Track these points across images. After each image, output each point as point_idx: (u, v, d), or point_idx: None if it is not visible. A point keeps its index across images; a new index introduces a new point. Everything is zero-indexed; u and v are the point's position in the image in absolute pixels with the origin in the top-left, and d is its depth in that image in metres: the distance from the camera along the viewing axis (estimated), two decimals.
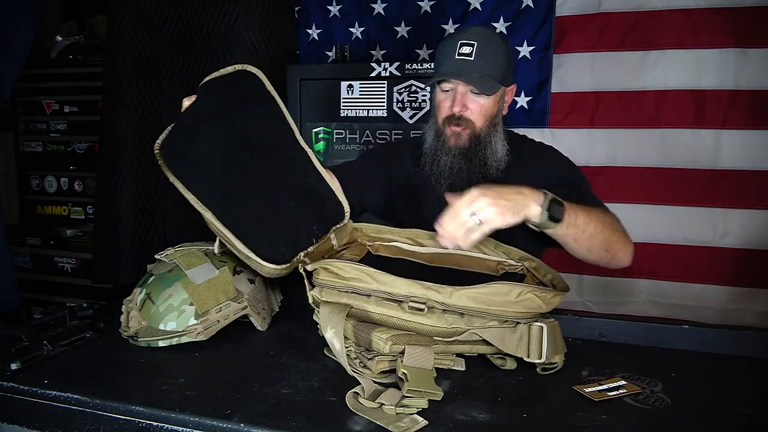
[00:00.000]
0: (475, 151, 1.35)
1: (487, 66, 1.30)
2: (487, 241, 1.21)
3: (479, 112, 1.34)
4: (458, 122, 1.34)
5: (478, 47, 1.29)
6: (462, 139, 1.35)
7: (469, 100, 1.33)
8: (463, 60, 1.29)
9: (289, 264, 1.07)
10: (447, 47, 1.33)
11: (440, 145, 1.37)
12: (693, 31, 2.21)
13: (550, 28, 2.38)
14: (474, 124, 1.34)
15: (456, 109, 1.33)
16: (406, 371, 0.88)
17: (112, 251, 2.63)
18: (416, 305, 0.94)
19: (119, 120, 2.58)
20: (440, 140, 1.37)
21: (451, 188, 1.35)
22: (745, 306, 2.24)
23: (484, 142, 1.35)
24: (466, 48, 1.29)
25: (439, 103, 1.37)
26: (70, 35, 3.08)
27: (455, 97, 1.33)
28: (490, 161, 1.37)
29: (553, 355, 0.97)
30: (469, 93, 1.33)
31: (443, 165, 1.37)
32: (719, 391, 0.94)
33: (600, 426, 0.81)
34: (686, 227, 2.29)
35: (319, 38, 2.74)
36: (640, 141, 2.32)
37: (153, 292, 1.10)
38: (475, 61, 1.29)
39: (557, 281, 1.09)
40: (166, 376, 0.95)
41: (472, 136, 1.35)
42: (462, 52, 1.29)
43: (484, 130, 1.35)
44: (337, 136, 2.42)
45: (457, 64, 1.30)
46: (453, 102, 1.33)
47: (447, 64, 1.31)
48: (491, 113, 1.36)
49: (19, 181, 3.37)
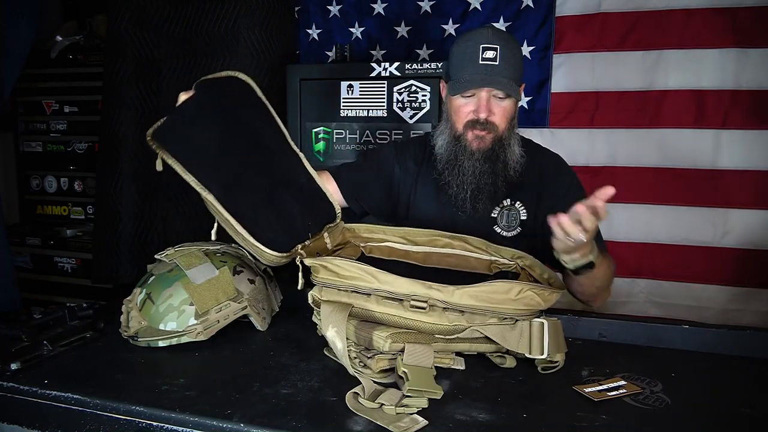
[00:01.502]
0: (498, 153, 1.34)
1: (511, 70, 1.28)
2: (479, 241, 1.22)
3: (502, 115, 1.32)
4: (483, 126, 1.32)
5: (501, 51, 1.27)
6: (485, 143, 1.33)
7: (493, 105, 1.31)
8: (487, 65, 1.27)
9: (289, 253, 1.07)
10: (468, 51, 1.29)
11: (461, 150, 1.35)
12: (693, 31, 2.21)
13: (550, 28, 2.38)
14: (497, 127, 1.33)
15: (482, 114, 1.30)
16: (406, 370, 0.88)
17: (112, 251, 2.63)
18: (418, 303, 0.94)
19: (119, 120, 2.58)
20: (460, 145, 1.35)
21: (476, 192, 1.35)
22: (745, 306, 2.24)
23: (505, 144, 1.34)
24: (490, 52, 1.27)
25: (459, 108, 1.34)
26: (70, 35, 3.08)
27: (479, 103, 1.30)
28: (511, 163, 1.36)
29: (554, 353, 0.97)
30: (493, 97, 1.31)
31: (467, 169, 1.34)
32: (719, 391, 0.94)
33: (600, 426, 0.81)
34: (686, 227, 2.29)
35: (319, 38, 2.74)
36: (640, 141, 2.32)
37: (153, 292, 1.10)
38: (500, 66, 1.27)
39: (553, 279, 1.10)
40: (166, 376, 0.95)
41: (495, 139, 1.33)
42: (486, 56, 1.27)
43: (506, 132, 1.34)
44: (337, 136, 2.42)
45: (482, 69, 1.27)
46: (478, 107, 1.31)
47: (471, 70, 1.28)
48: (512, 115, 1.35)
49: (19, 181, 3.37)
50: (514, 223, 1.40)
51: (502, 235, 1.40)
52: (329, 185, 1.40)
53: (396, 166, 1.50)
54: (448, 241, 1.24)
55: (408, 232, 1.26)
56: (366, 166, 1.52)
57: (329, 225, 1.19)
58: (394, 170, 1.50)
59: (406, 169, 1.49)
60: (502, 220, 1.40)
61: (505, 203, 1.40)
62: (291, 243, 1.09)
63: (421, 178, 1.46)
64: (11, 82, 2.13)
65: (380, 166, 1.51)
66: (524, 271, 1.17)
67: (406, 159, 1.50)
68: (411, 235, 1.25)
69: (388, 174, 1.50)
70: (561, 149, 1.51)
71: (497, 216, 1.40)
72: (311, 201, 1.20)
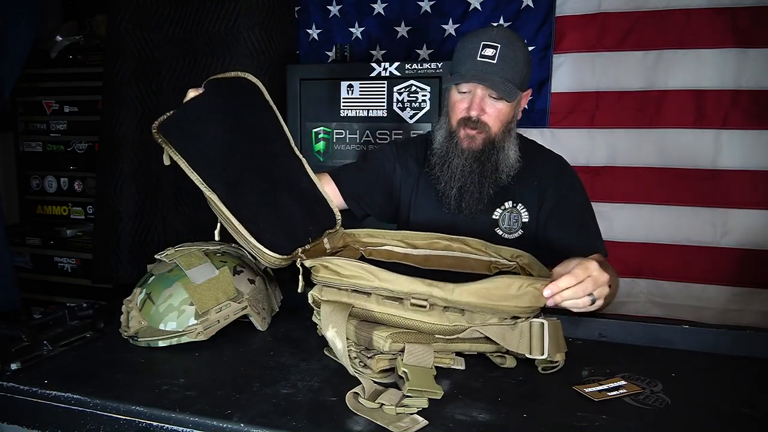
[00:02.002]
0: (488, 155, 1.33)
1: (509, 71, 1.26)
2: (478, 242, 1.22)
3: (496, 116, 1.31)
4: (474, 125, 1.31)
5: (502, 50, 1.25)
6: (476, 143, 1.33)
7: (487, 104, 1.30)
8: (485, 62, 1.25)
9: (289, 256, 1.07)
10: (468, 47, 1.28)
11: (452, 147, 1.34)
12: (693, 31, 2.21)
13: (550, 28, 2.38)
14: (490, 128, 1.31)
15: (473, 112, 1.30)
16: (406, 370, 0.88)
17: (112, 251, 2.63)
18: (418, 302, 0.94)
19: (119, 120, 2.58)
20: (452, 141, 1.34)
21: (462, 190, 1.35)
22: (745, 306, 2.24)
23: (497, 147, 1.33)
24: (489, 50, 1.25)
25: (455, 104, 1.33)
26: (70, 35, 3.08)
27: (473, 100, 1.30)
28: (502, 167, 1.35)
29: (554, 353, 0.97)
30: (488, 97, 1.30)
31: (455, 167, 1.34)
32: (719, 391, 0.94)
33: (600, 426, 0.81)
34: (686, 227, 2.29)
35: (319, 38, 2.74)
36: (640, 141, 2.32)
37: (153, 292, 1.10)
38: (498, 65, 1.25)
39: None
40: (166, 376, 0.95)
41: (486, 140, 1.32)
42: (485, 54, 1.26)
43: (499, 135, 1.33)
44: (337, 136, 2.42)
45: (479, 66, 1.26)
46: (470, 105, 1.30)
47: (468, 66, 1.27)
48: (507, 119, 1.33)
49: (19, 181, 3.37)
50: (515, 225, 1.39)
51: (504, 238, 1.39)
52: (328, 187, 1.39)
53: (397, 166, 1.49)
54: (447, 243, 1.24)
55: (407, 235, 1.25)
56: (366, 167, 1.51)
57: (329, 231, 1.19)
58: (396, 170, 1.49)
59: (408, 170, 1.48)
60: (504, 223, 1.40)
61: (506, 205, 1.40)
62: (292, 246, 1.09)
63: (423, 178, 1.45)
64: (11, 83, 2.13)
65: (381, 167, 1.49)
66: (523, 270, 1.17)
67: (408, 159, 1.49)
68: (410, 238, 1.25)
69: (390, 174, 1.49)
70: (561, 149, 1.51)
71: (498, 218, 1.40)
72: (312, 207, 1.20)
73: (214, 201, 1.06)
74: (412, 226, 1.44)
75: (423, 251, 1.25)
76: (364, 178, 1.48)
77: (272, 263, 1.08)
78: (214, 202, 1.06)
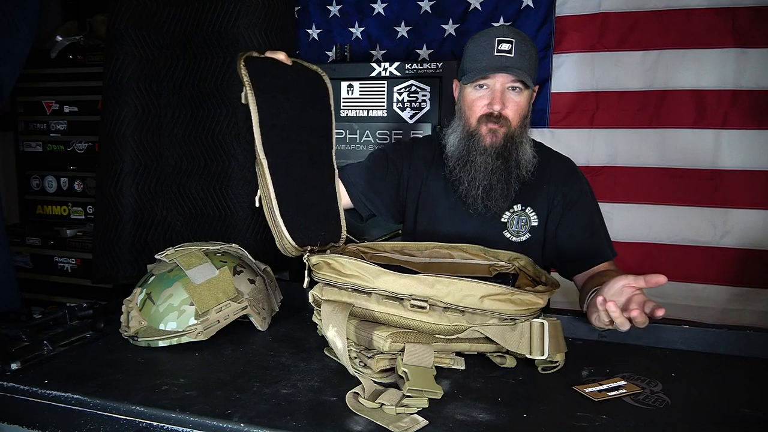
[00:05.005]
0: (510, 150, 1.33)
1: (525, 63, 1.28)
2: (476, 247, 1.24)
3: (516, 110, 1.32)
4: (496, 120, 1.31)
5: (517, 45, 1.27)
6: (498, 137, 1.32)
7: (507, 98, 1.31)
8: (503, 56, 1.27)
9: (301, 248, 1.09)
10: (482, 45, 1.30)
11: (474, 145, 1.33)
12: (693, 31, 2.21)
13: (550, 28, 2.38)
14: (510, 122, 1.32)
15: (496, 107, 1.30)
16: (406, 370, 0.88)
17: (112, 251, 2.63)
18: (418, 303, 0.94)
19: (119, 120, 2.58)
20: (473, 140, 1.33)
21: (487, 189, 1.34)
22: (745, 306, 2.24)
23: (516, 142, 1.33)
24: (506, 45, 1.27)
25: (473, 102, 1.33)
26: (70, 35, 3.08)
27: (494, 94, 1.30)
28: (523, 162, 1.35)
29: (554, 353, 0.97)
30: (507, 91, 1.30)
31: (479, 165, 1.33)
32: (719, 391, 0.94)
33: (600, 426, 0.81)
34: (686, 227, 2.29)
35: (319, 38, 2.74)
36: (640, 141, 2.32)
37: (153, 292, 1.10)
38: (515, 58, 1.27)
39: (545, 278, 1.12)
40: (166, 376, 0.95)
41: (506, 135, 1.32)
42: (501, 48, 1.27)
43: (518, 130, 1.33)
44: (337, 136, 2.42)
45: (497, 60, 1.27)
46: (492, 99, 1.30)
47: (486, 61, 1.28)
48: (525, 113, 1.34)
49: (19, 181, 3.37)
50: (524, 228, 1.39)
51: (511, 240, 1.39)
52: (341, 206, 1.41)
53: (404, 166, 1.48)
54: (447, 251, 1.26)
55: (407, 246, 1.27)
56: (374, 166, 1.49)
57: (333, 244, 1.21)
58: (403, 171, 1.48)
59: (415, 170, 1.47)
60: (512, 225, 1.39)
61: (515, 208, 1.39)
62: (304, 240, 1.11)
63: (431, 178, 1.45)
64: (11, 83, 2.13)
65: (388, 167, 1.48)
66: (522, 272, 1.18)
67: (415, 159, 1.48)
68: (410, 249, 1.27)
69: (397, 175, 1.48)
70: (561, 149, 1.51)
71: (507, 221, 1.39)
72: (328, 215, 1.24)
73: (263, 167, 1.09)
74: (419, 226, 1.44)
75: (424, 259, 1.26)
76: (372, 178, 1.47)
77: (285, 248, 1.10)
78: (263, 168, 1.10)
